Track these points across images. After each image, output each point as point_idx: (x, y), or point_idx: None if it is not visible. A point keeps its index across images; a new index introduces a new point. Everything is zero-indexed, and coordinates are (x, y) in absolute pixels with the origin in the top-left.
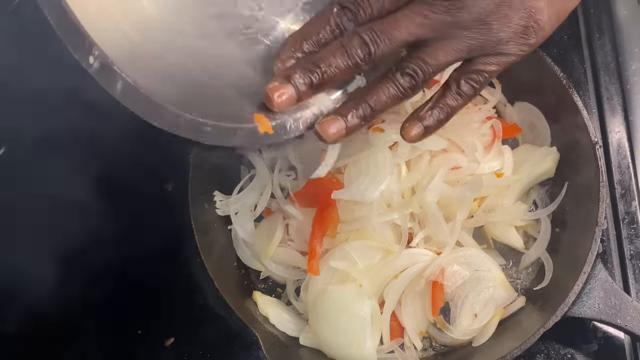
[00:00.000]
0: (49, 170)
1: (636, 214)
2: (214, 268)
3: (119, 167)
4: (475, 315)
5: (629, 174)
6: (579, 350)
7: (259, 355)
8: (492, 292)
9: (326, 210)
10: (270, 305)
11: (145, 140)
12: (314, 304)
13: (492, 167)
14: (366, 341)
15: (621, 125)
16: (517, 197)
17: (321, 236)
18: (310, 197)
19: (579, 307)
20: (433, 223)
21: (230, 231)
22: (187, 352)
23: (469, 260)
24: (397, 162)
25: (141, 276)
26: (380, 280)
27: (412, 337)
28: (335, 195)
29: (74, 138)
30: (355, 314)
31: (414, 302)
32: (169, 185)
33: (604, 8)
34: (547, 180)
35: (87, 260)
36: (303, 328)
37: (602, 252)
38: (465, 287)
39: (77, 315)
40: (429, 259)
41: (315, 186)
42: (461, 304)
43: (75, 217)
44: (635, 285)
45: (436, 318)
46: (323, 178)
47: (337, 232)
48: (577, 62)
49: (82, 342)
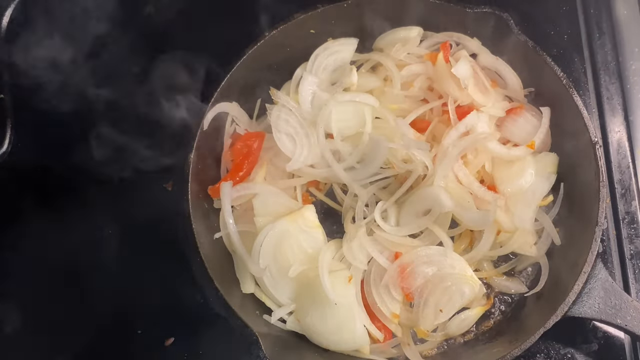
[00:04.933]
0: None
1: (636, 213)
2: (214, 268)
3: (119, 167)
4: (440, 310)
5: (629, 174)
6: (579, 350)
7: (259, 355)
8: (456, 289)
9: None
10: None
11: (146, 140)
12: (299, 295)
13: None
14: (356, 323)
15: (621, 125)
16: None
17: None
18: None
19: (579, 306)
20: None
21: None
22: (187, 352)
23: (431, 258)
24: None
25: (141, 276)
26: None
27: (384, 320)
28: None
29: (74, 139)
30: (340, 300)
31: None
32: (169, 185)
33: (604, 8)
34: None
35: (87, 260)
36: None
37: (602, 251)
38: (428, 285)
39: (77, 315)
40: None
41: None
42: (425, 301)
43: (74, 218)
44: (635, 285)
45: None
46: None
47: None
48: (577, 62)
49: (84, 342)
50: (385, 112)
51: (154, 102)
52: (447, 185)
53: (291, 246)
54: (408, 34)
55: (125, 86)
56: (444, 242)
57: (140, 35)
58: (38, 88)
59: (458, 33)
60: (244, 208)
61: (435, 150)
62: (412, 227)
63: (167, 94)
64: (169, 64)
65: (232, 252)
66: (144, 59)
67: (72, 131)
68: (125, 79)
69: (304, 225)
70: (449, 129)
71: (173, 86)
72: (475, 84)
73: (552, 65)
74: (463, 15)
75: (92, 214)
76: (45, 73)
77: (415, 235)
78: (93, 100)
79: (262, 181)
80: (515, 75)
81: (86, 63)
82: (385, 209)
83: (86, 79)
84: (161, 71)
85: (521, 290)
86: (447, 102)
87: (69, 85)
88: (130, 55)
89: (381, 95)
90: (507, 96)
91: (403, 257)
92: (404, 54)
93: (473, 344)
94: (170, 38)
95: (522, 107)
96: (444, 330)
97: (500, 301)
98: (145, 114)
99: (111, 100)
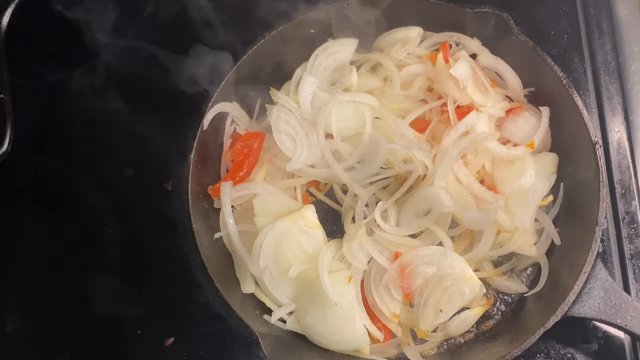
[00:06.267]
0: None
1: (636, 213)
2: (214, 268)
3: (119, 167)
4: (440, 310)
5: (629, 174)
6: (579, 350)
7: (259, 355)
8: (456, 289)
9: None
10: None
11: (146, 140)
12: (299, 295)
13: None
14: (356, 323)
15: (621, 125)
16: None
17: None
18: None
19: (579, 306)
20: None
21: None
22: (187, 352)
23: (431, 258)
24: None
25: (141, 276)
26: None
27: (384, 320)
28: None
29: (75, 139)
30: (340, 300)
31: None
32: (169, 185)
33: (604, 8)
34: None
35: (87, 260)
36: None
37: (602, 251)
38: (428, 285)
39: (77, 315)
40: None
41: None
42: (425, 301)
43: (74, 218)
44: (635, 285)
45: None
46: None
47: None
48: (577, 62)
49: (84, 342)
50: (385, 112)
51: (154, 103)
52: (447, 185)
53: (291, 246)
54: (408, 34)
55: (125, 88)
56: (444, 242)
57: (140, 36)
58: (38, 88)
59: (458, 33)
60: (244, 208)
61: (435, 150)
62: (412, 227)
63: (168, 94)
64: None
65: (232, 252)
66: (144, 61)
67: (72, 131)
68: (125, 79)
69: (304, 225)
70: (448, 129)
71: (174, 86)
72: (474, 84)
73: (552, 65)
74: (463, 15)
75: (92, 214)
76: (45, 73)
77: (415, 235)
78: (93, 100)
79: (262, 181)
80: (515, 76)
81: (86, 63)
82: (385, 209)
83: (86, 79)
84: (161, 71)
85: (521, 290)
86: (447, 102)
87: (69, 85)
88: (130, 56)
89: (381, 95)
90: (506, 96)
91: (403, 257)
92: (403, 54)
93: (473, 344)
94: (170, 38)
95: (522, 107)
96: (444, 330)
97: (500, 301)
98: (146, 115)
99: (111, 100)
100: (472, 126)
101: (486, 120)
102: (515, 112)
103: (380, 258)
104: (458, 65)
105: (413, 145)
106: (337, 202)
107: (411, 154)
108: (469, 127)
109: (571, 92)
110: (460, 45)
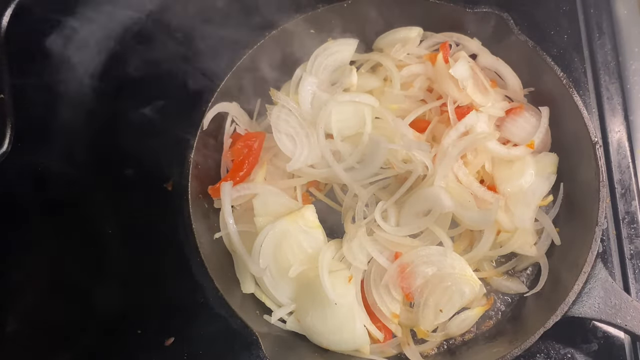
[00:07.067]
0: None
1: (636, 213)
2: (214, 268)
3: (119, 167)
4: (440, 310)
5: (629, 174)
6: (579, 350)
7: (259, 355)
8: (456, 289)
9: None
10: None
11: (146, 141)
12: (299, 295)
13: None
14: (356, 323)
15: (621, 125)
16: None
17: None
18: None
19: (579, 306)
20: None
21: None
22: (187, 352)
23: (431, 258)
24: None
25: (141, 276)
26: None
27: (384, 320)
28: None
29: (75, 139)
30: (340, 300)
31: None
32: (169, 185)
33: (604, 8)
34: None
35: (87, 260)
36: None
37: (602, 251)
38: (428, 285)
39: (77, 315)
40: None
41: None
42: (425, 301)
43: (74, 218)
44: (635, 285)
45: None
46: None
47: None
48: (577, 62)
49: (84, 342)
50: (385, 112)
51: (154, 103)
52: (447, 185)
53: (291, 246)
54: (408, 34)
55: (125, 88)
56: (444, 242)
57: (138, 38)
58: (38, 88)
59: (458, 33)
60: (244, 208)
61: (435, 150)
62: (412, 227)
63: (168, 94)
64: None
65: (232, 252)
66: (144, 61)
67: (72, 131)
68: (125, 79)
69: (304, 225)
70: (448, 129)
71: (173, 86)
72: (474, 84)
73: (552, 65)
74: (463, 15)
75: (92, 214)
76: (44, 73)
77: (415, 235)
78: (93, 100)
79: (262, 181)
80: (514, 76)
81: (86, 63)
82: (385, 209)
83: (86, 79)
84: (161, 71)
85: (521, 290)
86: (447, 102)
87: (69, 86)
88: (129, 57)
89: (381, 95)
90: (506, 96)
91: (403, 257)
92: (403, 54)
93: (473, 344)
94: (170, 38)
95: (522, 107)
96: (444, 330)
97: (500, 301)
98: (146, 115)
99: (111, 100)
100: (472, 126)
101: (486, 120)
102: (515, 112)
103: (380, 258)
104: (457, 66)
105: (413, 145)
106: (337, 202)
107: (411, 154)
108: (468, 127)
109: (571, 92)
110: (460, 46)
